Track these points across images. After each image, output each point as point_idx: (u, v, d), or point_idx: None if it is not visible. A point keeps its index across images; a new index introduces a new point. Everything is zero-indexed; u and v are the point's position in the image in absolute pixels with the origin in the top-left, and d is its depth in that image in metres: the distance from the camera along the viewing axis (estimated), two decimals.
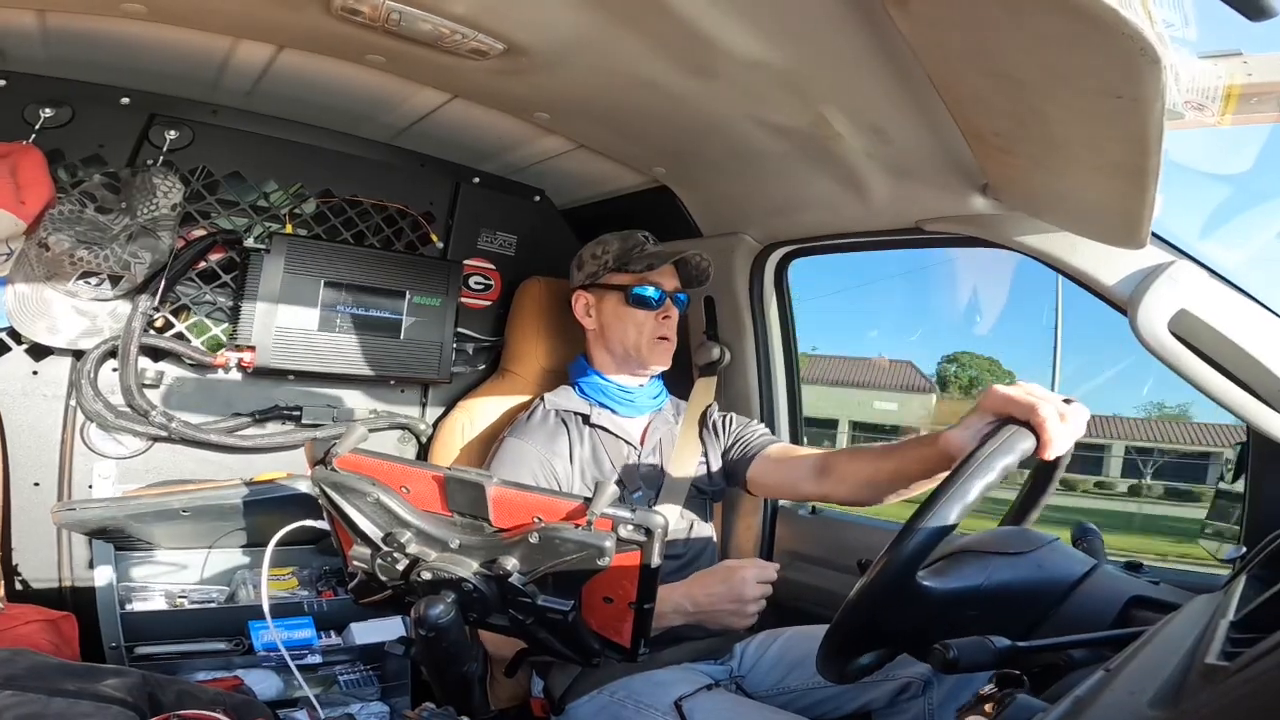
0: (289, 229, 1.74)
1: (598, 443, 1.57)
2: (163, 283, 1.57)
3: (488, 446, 1.69)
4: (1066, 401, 0.94)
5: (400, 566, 0.97)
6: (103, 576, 1.51)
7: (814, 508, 1.84)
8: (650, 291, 1.58)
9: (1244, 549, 1.07)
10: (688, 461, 1.60)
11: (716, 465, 1.62)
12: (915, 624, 0.85)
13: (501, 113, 1.59)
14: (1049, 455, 0.92)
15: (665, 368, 1.63)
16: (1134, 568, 1.05)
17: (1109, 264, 1.16)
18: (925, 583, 0.83)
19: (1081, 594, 0.86)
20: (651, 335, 1.58)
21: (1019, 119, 0.93)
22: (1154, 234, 1.08)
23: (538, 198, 2.07)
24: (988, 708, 0.65)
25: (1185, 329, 1.08)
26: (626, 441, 1.59)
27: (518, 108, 1.56)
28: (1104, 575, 0.89)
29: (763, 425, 1.67)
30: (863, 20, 0.94)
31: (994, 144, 1.03)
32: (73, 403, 1.57)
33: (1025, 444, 0.89)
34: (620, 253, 1.61)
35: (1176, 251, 1.13)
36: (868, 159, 1.33)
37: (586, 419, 1.58)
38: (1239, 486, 1.21)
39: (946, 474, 0.89)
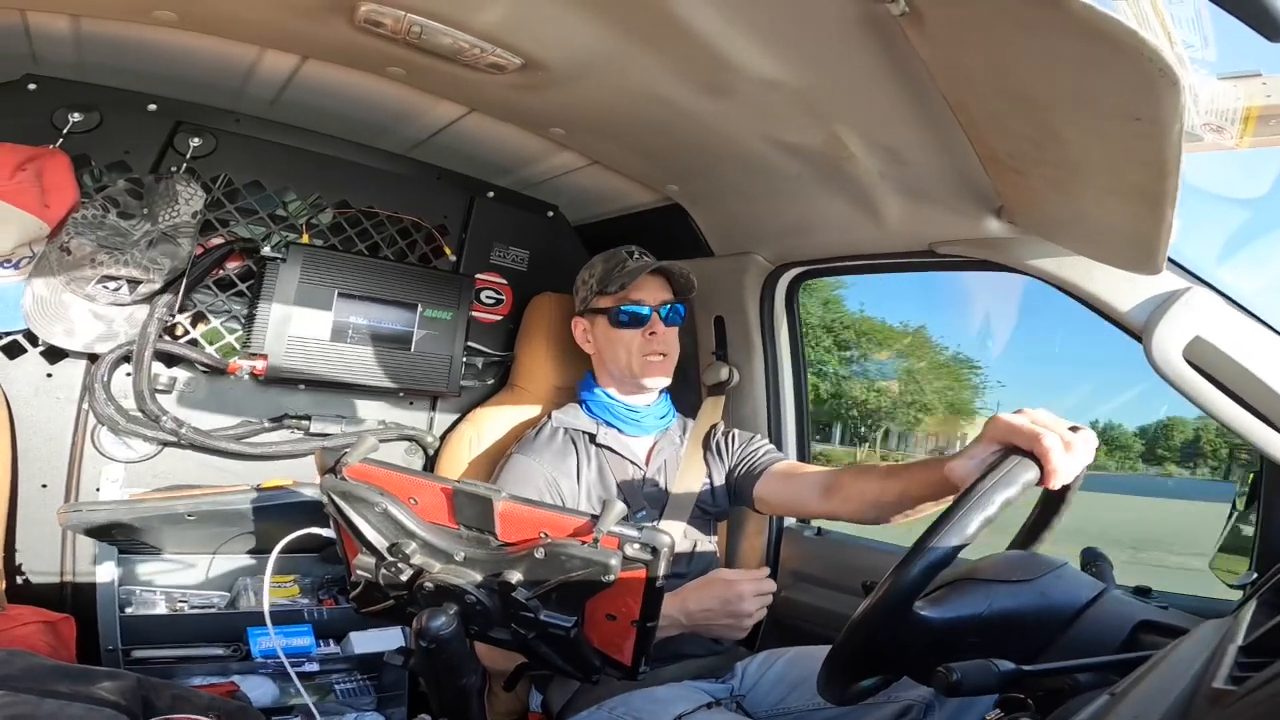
0: (305, 239, 1.76)
1: (604, 462, 1.56)
2: (180, 289, 1.59)
3: (494, 460, 1.69)
4: (1073, 429, 0.92)
5: (404, 577, 0.96)
6: (105, 579, 1.51)
7: (819, 529, 1.82)
8: (633, 310, 1.56)
9: (1255, 574, 1.06)
10: (692, 481, 1.59)
11: (721, 484, 1.61)
12: (916, 650, 0.84)
13: (517, 127, 1.61)
14: (1053, 485, 0.89)
15: (664, 382, 1.62)
16: (1142, 592, 1.03)
17: (1124, 289, 1.15)
18: (923, 613, 0.82)
19: (1089, 618, 0.84)
20: (641, 353, 1.57)
21: (1035, 141, 0.93)
22: (1170, 259, 1.07)
23: (551, 213, 2.09)
24: None
25: (1200, 356, 1.07)
26: (631, 461, 1.58)
27: (534, 123, 1.58)
28: (1112, 600, 0.87)
29: (768, 442, 1.65)
30: (878, 41, 0.94)
31: (1009, 166, 1.03)
32: (85, 406, 1.58)
33: (1028, 475, 0.87)
34: (603, 274, 1.60)
35: (1192, 277, 1.12)
36: (881, 180, 1.33)
37: (593, 438, 1.58)
38: (1251, 513, 1.19)
39: (951, 498, 0.88)
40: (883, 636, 0.82)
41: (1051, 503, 1.01)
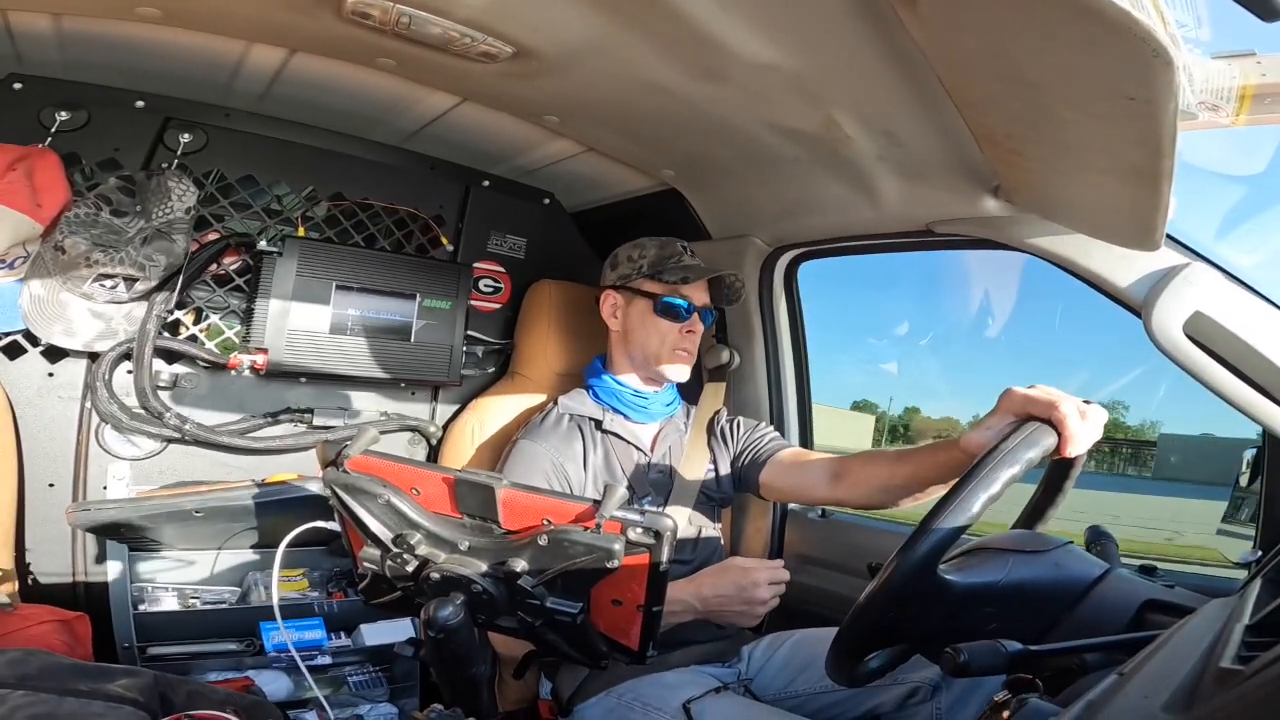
0: (301, 232, 1.76)
1: (609, 448, 1.57)
2: (177, 285, 1.58)
3: (497, 449, 1.70)
4: (1085, 403, 0.93)
5: (410, 568, 0.97)
6: (116, 577, 1.52)
7: (824, 511, 1.83)
8: (679, 303, 1.57)
9: (1259, 553, 1.06)
10: (696, 467, 1.60)
11: (725, 471, 1.62)
12: (931, 621, 0.85)
13: (511, 116, 1.59)
14: (1070, 452, 0.92)
15: (682, 380, 1.63)
16: (1148, 571, 1.04)
17: (1123, 266, 1.15)
18: (947, 576, 0.83)
19: (1095, 597, 0.85)
20: (673, 347, 1.58)
21: (1031, 121, 0.92)
22: (1168, 236, 1.07)
23: (547, 200, 2.08)
24: (1005, 715, 0.65)
25: (1200, 331, 1.07)
26: (637, 447, 1.59)
27: (527, 111, 1.56)
28: (1118, 579, 0.88)
29: (772, 429, 1.66)
30: (873, 23, 0.94)
31: (1006, 146, 1.02)
32: (88, 404, 1.58)
33: (1047, 440, 0.89)
34: (656, 260, 1.60)
35: (1191, 253, 1.12)
36: (878, 161, 1.33)
37: (599, 424, 1.58)
38: (1254, 490, 1.19)
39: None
40: (904, 600, 0.82)
41: (1055, 481, 1.01)
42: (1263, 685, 0.44)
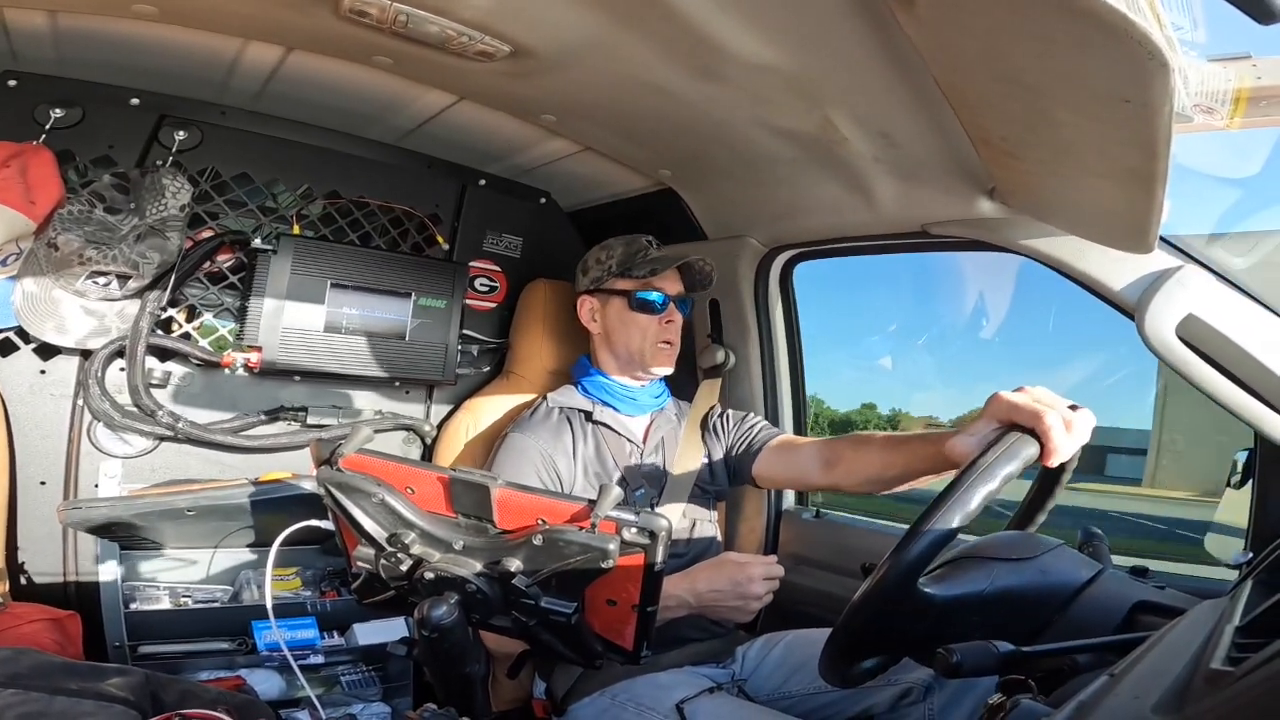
0: (296, 230, 1.75)
1: (601, 440, 1.57)
2: (171, 283, 1.58)
3: (492, 448, 1.69)
4: (1073, 408, 0.93)
5: (404, 567, 0.97)
6: (108, 575, 1.51)
7: (818, 511, 1.83)
8: (653, 296, 1.58)
9: (1250, 554, 1.07)
10: (690, 460, 1.60)
11: (719, 462, 1.63)
12: (918, 630, 0.85)
13: (508, 115, 1.59)
14: (1052, 463, 0.91)
15: (668, 371, 1.64)
16: (1139, 573, 1.04)
17: (1116, 268, 1.15)
18: (927, 590, 0.83)
19: (1086, 599, 0.85)
20: (655, 340, 1.59)
21: (1026, 123, 0.93)
22: (1162, 238, 1.08)
23: (543, 200, 2.08)
24: (1001, 717, 0.65)
25: (1193, 334, 1.08)
26: (629, 439, 1.59)
27: (524, 110, 1.56)
28: (1109, 580, 0.88)
29: (763, 419, 1.67)
30: (870, 24, 0.94)
31: (1001, 148, 1.03)
32: (80, 402, 1.58)
33: (1029, 451, 0.88)
34: (624, 258, 1.62)
35: (1185, 256, 1.12)
36: (874, 163, 1.33)
37: (589, 416, 1.59)
38: (1245, 491, 1.20)
39: (952, 474, 0.88)
40: (885, 615, 0.82)
41: (1048, 482, 1.01)
42: (1253, 687, 0.44)
